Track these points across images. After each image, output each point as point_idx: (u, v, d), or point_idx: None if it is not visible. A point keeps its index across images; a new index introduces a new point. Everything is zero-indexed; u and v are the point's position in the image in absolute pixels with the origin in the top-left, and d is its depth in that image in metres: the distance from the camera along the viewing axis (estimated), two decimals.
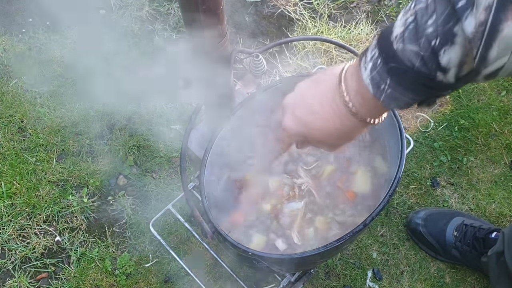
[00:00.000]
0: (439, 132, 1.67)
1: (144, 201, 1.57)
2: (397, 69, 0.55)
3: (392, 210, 1.55)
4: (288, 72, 1.78)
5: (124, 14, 1.90)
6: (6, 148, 1.63)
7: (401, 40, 0.53)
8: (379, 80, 0.57)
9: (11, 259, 1.47)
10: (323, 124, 0.65)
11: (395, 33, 0.54)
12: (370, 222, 0.88)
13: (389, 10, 1.91)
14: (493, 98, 1.72)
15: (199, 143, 1.21)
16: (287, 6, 1.93)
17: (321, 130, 0.66)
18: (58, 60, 1.80)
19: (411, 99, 0.57)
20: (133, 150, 1.64)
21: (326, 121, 0.65)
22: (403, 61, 0.54)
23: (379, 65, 0.56)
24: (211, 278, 1.45)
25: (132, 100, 1.73)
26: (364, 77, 0.59)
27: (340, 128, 0.65)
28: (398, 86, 0.56)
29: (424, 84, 0.55)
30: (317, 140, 0.68)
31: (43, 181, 1.58)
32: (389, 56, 0.55)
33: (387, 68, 0.56)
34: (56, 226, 1.52)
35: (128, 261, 1.47)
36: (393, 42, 0.54)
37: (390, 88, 0.56)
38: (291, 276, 1.25)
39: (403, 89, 0.56)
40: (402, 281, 1.45)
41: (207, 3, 0.78)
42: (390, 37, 0.55)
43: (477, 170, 1.61)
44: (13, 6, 1.94)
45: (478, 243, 1.37)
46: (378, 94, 0.58)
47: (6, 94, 1.74)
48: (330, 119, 0.64)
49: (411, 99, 0.57)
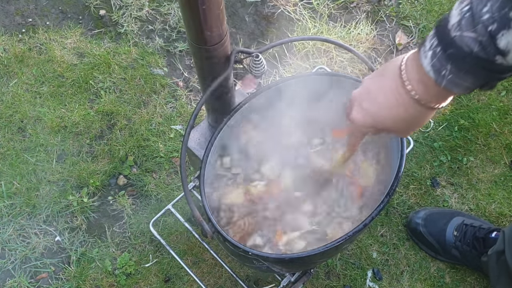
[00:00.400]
0: (439, 132, 1.67)
1: (144, 201, 1.57)
2: (456, 55, 0.57)
3: (392, 210, 1.55)
4: (288, 72, 1.78)
5: (124, 14, 1.90)
6: (6, 148, 1.63)
7: (458, 28, 0.56)
8: (439, 67, 0.60)
9: (11, 259, 1.47)
10: (388, 114, 0.69)
11: (452, 22, 0.57)
12: (370, 222, 0.88)
13: (389, 10, 1.91)
14: (493, 98, 1.72)
15: (199, 143, 1.21)
16: (287, 6, 1.93)
17: (387, 119, 0.70)
18: (58, 60, 1.80)
19: (472, 84, 0.60)
20: (133, 150, 1.64)
21: (390, 110, 0.68)
22: (461, 47, 0.57)
23: (438, 52, 0.59)
24: (211, 278, 1.45)
25: (132, 100, 1.73)
26: (425, 65, 0.61)
27: (404, 116, 0.68)
28: (459, 71, 0.59)
29: (484, 67, 0.57)
30: (386, 128, 0.72)
31: (43, 181, 1.58)
32: (447, 44, 0.58)
33: (446, 55, 0.58)
34: (56, 226, 1.52)
35: (128, 261, 1.47)
36: (451, 30, 0.57)
37: (451, 73, 0.59)
38: (291, 276, 1.25)
39: (464, 74, 0.59)
40: (402, 281, 1.45)
41: (207, 3, 0.78)
42: (447, 26, 0.58)
43: (477, 170, 1.61)
44: (13, 6, 1.94)
45: (478, 242, 1.37)
46: (440, 80, 0.61)
47: (6, 94, 1.74)
48: (394, 108, 0.68)
49: (471, 83, 0.60)
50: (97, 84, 1.76)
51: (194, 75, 1.80)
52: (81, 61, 1.81)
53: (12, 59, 1.80)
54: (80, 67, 1.79)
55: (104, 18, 1.91)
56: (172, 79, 1.78)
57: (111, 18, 1.90)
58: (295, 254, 0.90)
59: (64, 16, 1.92)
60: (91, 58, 1.80)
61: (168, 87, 1.76)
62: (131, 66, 1.80)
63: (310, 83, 1.05)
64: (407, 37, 1.86)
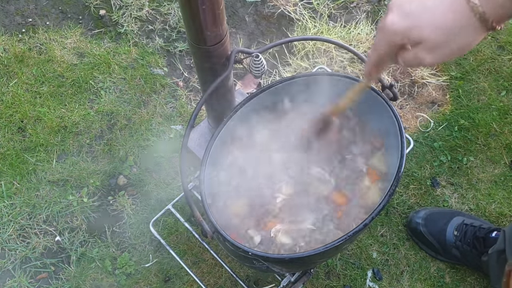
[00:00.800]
0: (439, 132, 1.67)
1: (144, 201, 1.57)
2: None
3: (392, 210, 1.55)
4: (288, 72, 1.78)
5: (124, 14, 1.90)
6: (6, 148, 1.63)
7: None
8: None
9: (11, 259, 1.47)
10: (432, 18, 0.59)
11: None
12: (370, 222, 0.88)
13: None
14: (493, 98, 1.72)
15: (199, 143, 1.21)
16: (287, 6, 1.93)
17: (428, 25, 0.60)
18: (58, 60, 1.80)
19: None
20: (133, 150, 1.64)
21: (436, 14, 0.59)
22: None
23: None
24: (211, 278, 1.45)
25: (132, 100, 1.73)
26: None
27: (450, 26, 0.59)
28: None
29: None
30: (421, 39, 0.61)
31: (43, 181, 1.58)
32: None
33: None
34: (56, 226, 1.52)
35: (128, 261, 1.47)
36: None
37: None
38: (291, 276, 1.25)
39: None
40: (402, 281, 1.45)
41: (207, 3, 0.78)
42: None
43: (477, 170, 1.61)
44: (13, 6, 1.94)
45: (478, 242, 1.37)
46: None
47: (6, 94, 1.74)
48: (441, 13, 0.59)
49: None
50: (97, 84, 1.76)
51: (194, 75, 1.80)
52: (81, 61, 1.81)
53: (12, 59, 1.80)
54: (80, 67, 1.79)
55: (104, 18, 1.91)
56: (172, 79, 1.78)
57: (111, 18, 1.90)
58: (295, 254, 0.90)
59: (64, 16, 1.92)
60: (91, 58, 1.80)
61: (168, 87, 1.76)
62: (131, 66, 1.80)
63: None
64: None
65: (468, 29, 0.59)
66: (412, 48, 0.63)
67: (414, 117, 1.71)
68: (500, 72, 1.78)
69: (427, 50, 0.62)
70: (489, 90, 1.74)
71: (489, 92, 1.74)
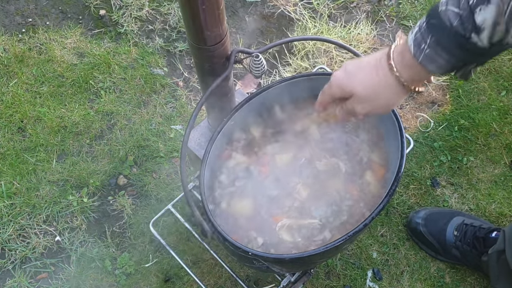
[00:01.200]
0: (439, 132, 1.67)
1: (144, 201, 1.57)
2: (437, 26, 0.64)
3: (392, 210, 1.55)
4: (288, 72, 1.78)
5: (124, 14, 1.90)
6: (6, 148, 1.63)
7: (445, 3, 0.64)
8: (420, 40, 0.66)
9: (11, 259, 1.47)
10: (364, 77, 0.74)
11: (442, 1, 0.65)
12: (370, 222, 0.88)
13: (389, 10, 1.91)
14: (493, 98, 1.72)
15: (199, 143, 1.21)
16: (287, 6, 1.93)
17: (362, 82, 0.74)
18: (58, 60, 1.80)
19: (447, 62, 0.65)
20: (133, 150, 1.64)
21: (368, 74, 0.74)
22: (443, 20, 0.63)
23: (423, 26, 0.66)
24: (211, 278, 1.45)
25: (132, 100, 1.73)
26: (409, 39, 0.68)
27: (374, 84, 0.73)
28: (437, 45, 0.64)
29: (460, 45, 0.63)
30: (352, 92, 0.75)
31: (43, 181, 1.58)
32: (432, 17, 0.65)
33: (428, 25, 0.65)
34: (56, 226, 1.52)
35: (128, 261, 1.47)
36: (439, 6, 0.64)
37: (430, 48, 0.65)
38: (291, 276, 1.25)
39: (441, 49, 0.65)
40: (402, 281, 1.45)
41: (207, 3, 0.78)
42: (438, 5, 0.65)
43: (477, 170, 1.61)
44: (13, 6, 1.94)
45: (478, 242, 1.37)
46: (418, 53, 0.67)
47: (6, 94, 1.74)
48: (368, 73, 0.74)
49: (446, 61, 0.65)
50: (97, 84, 1.76)
51: (194, 75, 1.80)
52: (81, 61, 1.81)
53: (12, 59, 1.80)
54: (80, 67, 1.79)
55: (104, 18, 1.91)
56: (172, 79, 1.78)
57: (111, 18, 1.90)
58: (295, 254, 0.90)
59: (64, 16, 1.92)
60: (91, 58, 1.80)
61: (168, 87, 1.76)
62: (131, 66, 1.80)
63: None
64: None
65: (390, 89, 0.73)
66: (349, 99, 0.78)
67: (414, 117, 1.71)
68: (500, 72, 1.78)
69: (357, 102, 0.77)
70: (489, 90, 1.74)
71: (489, 92, 1.74)
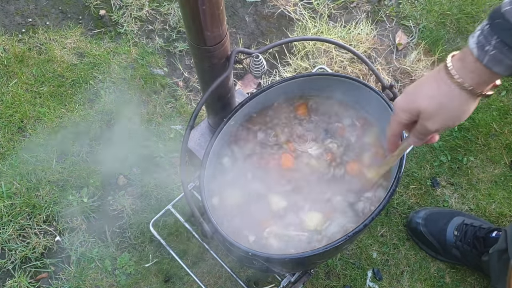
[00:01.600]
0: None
1: (144, 201, 1.57)
2: (502, 25, 0.61)
3: (392, 210, 1.55)
4: (288, 72, 1.78)
5: (124, 14, 1.90)
6: (6, 148, 1.63)
7: (509, 3, 0.61)
8: (484, 43, 0.63)
9: (11, 259, 1.47)
10: (427, 91, 0.70)
11: (505, 1, 0.62)
12: (370, 222, 0.88)
13: (389, 10, 1.91)
14: (493, 98, 1.72)
15: (199, 143, 1.21)
16: (287, 6, 1.93)
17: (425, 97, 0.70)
18: (58, 60, 1.80)
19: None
20: (133, 150, 1.64)
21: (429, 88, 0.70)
22: (509, 20, 0.60)
23: (486, 28, 0.63)
24: (211, 278, 1.45)
25: (132, 100, 1.73)
26: (470, 42, 0.64)
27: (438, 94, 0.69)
28: (503, 46, 0.61)
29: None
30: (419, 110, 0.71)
31: (43, 181, 1.58)
32: (495, 17, 0.62)
33: (492, 26, 0.62)
34: (56, 226, 1.52)
35: (128, 261, 1.47)
36: (502, 7, 0.62)
37: (495, 49, 0.62)
38: (291, 276, 1.25)
39: (507, 50, 0.61)
40: (402, 281, 1.45)
41: (207, 3, 0.78)
42: (500, 6, 0.62)
43: (477, 170, 1.61)
44: (13, 6, 1.94)
45: (478, 242, 1.37)
46: (482, 56, 0.63)
47: (6, 94, 1.74)
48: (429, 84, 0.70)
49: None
50: (97, 84, 1.76)
51: (194, 75, 1.80)
52: (81, 61, 1.81)
53: (12, 59, 1.80)
54: (80, 67, 1.79)
55: (104, 18, 1.91)
56: (172, 79, 1.78)
57: (111, 18, 1.90)
58: (295, 255, 0.90)
59: (64, 16, 1.92)
60: (91, 58, 1.80)
61: (168, 87, 1.76)
62: (131, 66, 1.80)
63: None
64: (407, 37, 1.86)
65: (456, 97, 0.68)
66: (418, 120, 0.73)
67: None
68: None
69: (426, 119, 0.72)
70: None
71: None
